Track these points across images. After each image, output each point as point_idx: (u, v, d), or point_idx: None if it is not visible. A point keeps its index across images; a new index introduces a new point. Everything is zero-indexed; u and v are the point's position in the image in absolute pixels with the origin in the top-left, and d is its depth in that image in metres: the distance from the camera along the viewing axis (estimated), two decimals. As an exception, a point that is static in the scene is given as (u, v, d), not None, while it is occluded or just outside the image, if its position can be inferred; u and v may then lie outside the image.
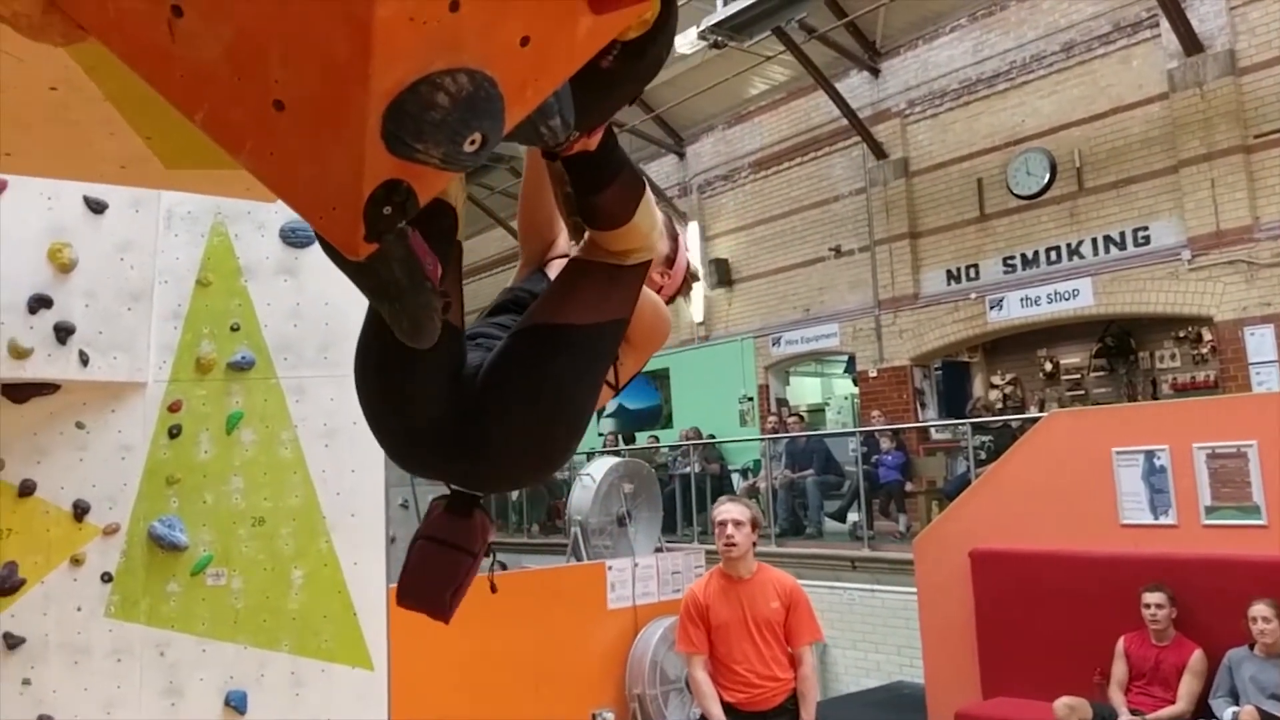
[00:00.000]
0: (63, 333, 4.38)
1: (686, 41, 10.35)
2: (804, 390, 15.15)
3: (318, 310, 4.92)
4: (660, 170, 15.10)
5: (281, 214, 4.88)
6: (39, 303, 4.31)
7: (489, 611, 4.95)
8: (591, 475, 6.08)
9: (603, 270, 1.49)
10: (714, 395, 14.01)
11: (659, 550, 5.83)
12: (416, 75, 0.74)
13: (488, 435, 1.43)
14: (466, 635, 4.78)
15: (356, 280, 1.15)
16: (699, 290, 14.38)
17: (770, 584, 3.94)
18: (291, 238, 4.89)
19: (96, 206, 4.47)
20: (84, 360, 4.44)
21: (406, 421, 1.48)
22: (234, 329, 4.79)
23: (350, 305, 5.00)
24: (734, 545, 3.87)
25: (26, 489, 4.46)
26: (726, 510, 3.95)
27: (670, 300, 1.92)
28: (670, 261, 1.90)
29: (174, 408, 4.74)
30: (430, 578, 1.59)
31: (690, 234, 14.49)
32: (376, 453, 5.12)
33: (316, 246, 5.25)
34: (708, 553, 6.36)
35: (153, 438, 4.69)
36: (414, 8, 0.71)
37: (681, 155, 14.87)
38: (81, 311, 4.43)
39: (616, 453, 12.72)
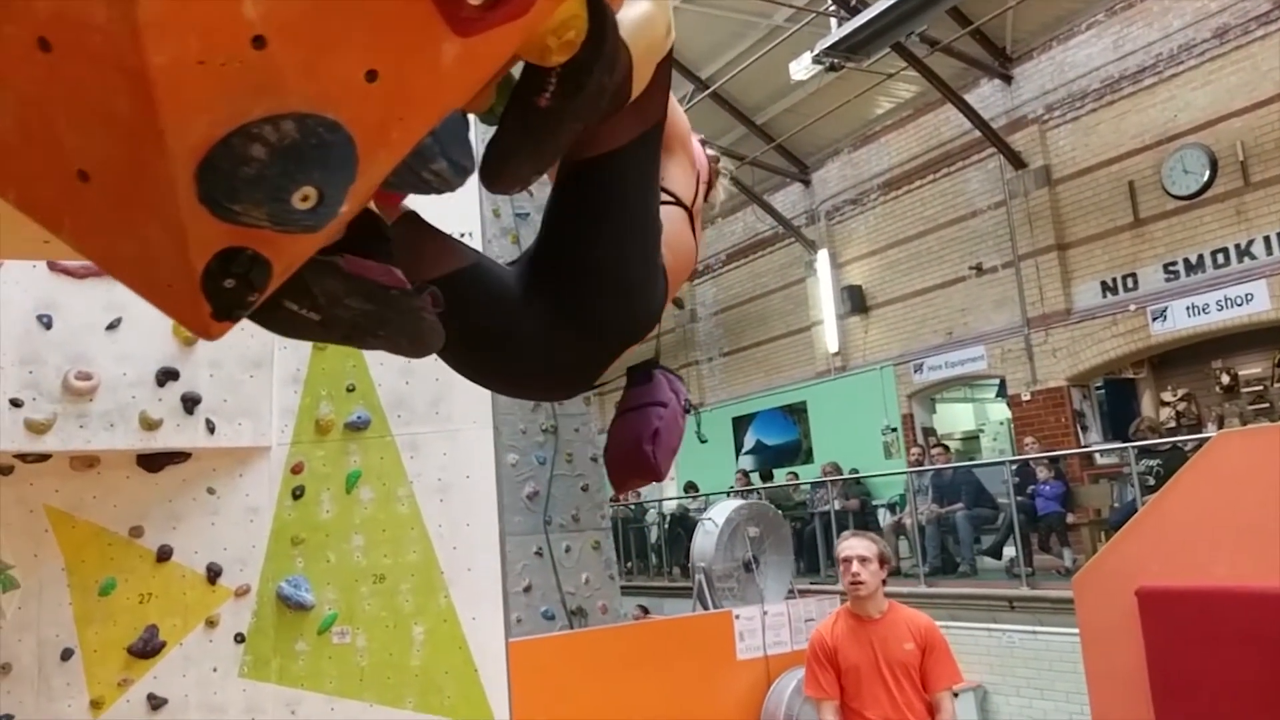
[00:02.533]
0: (190, 403, 4.57)
1: (802, 67, 10.14)
2: (954, 418, 14.41)
3: (427, 367, 4.97)
4: (786, 199, 14.83)
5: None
6: (166, 375, 4.52)
7: (613, 663, 4.82)
8: (713, 520, 5.87)
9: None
10: (854, 427, 13.50)
11: (791, 596, 5.55)
12: (230, 127, 0.63)
13: (572, 303, 1.38)
14: (588, 688, 4.66)
15: (326, 337, 1.05)
16: (831, 318, 13.97)
17: (903, 624, 3.63)
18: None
19: (216, 280, 4.66)
20: (211, 428, 4.62)
21: (526, 360, 1.42)
22: (350, 390, 4.90)
23: (458, 360, 5.05)
24: (861, 583, 3.59)
25: (164, 554, 4.66)
26: (850, 546, 3.68)
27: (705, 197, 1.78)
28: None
29: (296, 469, 4.87)
30: (625, 441, 1.56)
31: (820, 262, 14.13)
32: (490, 506, 5.10)
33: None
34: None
35: (278, 499, 4.83)
36: (201, 50, 0.59)
37: (807, 183, 14.56)
38: (207, 381, 4.63)
39: (746, 493, 12.39)
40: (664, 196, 1.58)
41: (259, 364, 4.77)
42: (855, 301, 13.72)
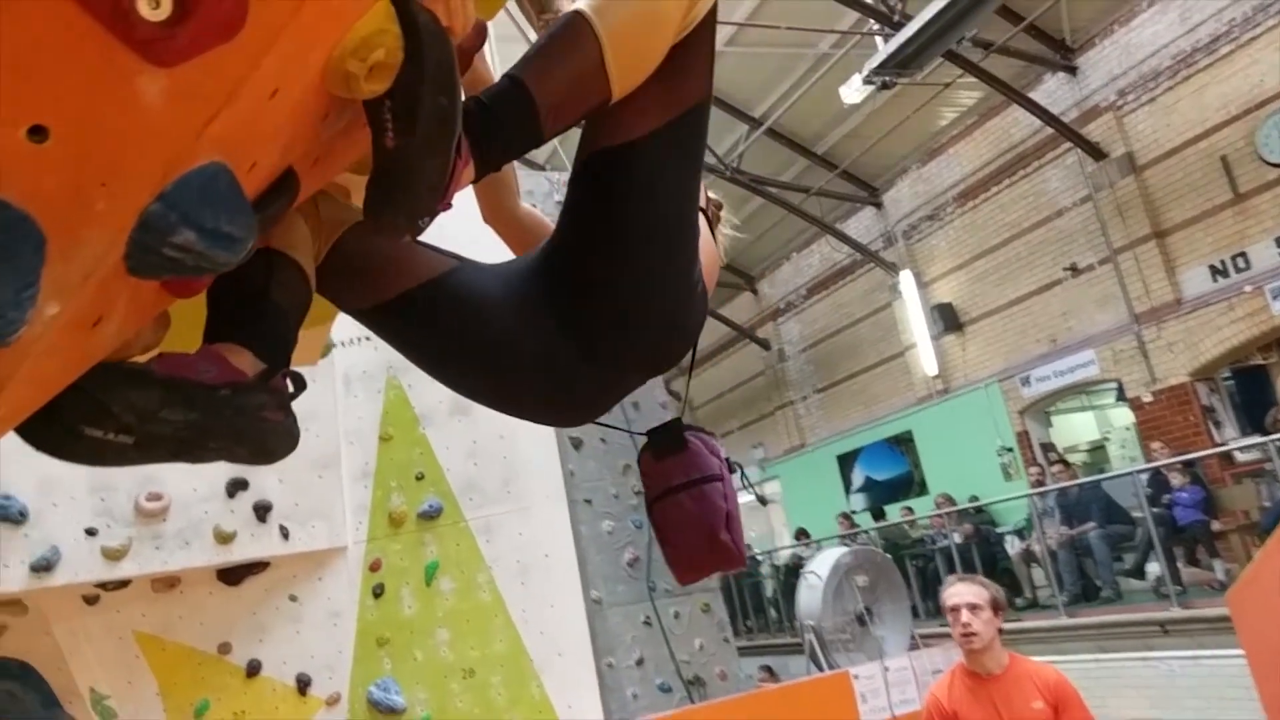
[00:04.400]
0: (262, 510, 4.51)
1: (853, 90, 9.87)
2: (1074, 429, 13.54)
3: (494, 445, 4.83)
4: (860, 225, 14.44)
5: (445, 356, 4.88)
6: (236, 486, 4.48)
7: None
8: (816, 573, 5.48)
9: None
10: (966, 452, 12.82)
11: (913, 647, 5.10)
12: None
13: (604, 312, 1.22)
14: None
15: (147, 458, 0.86)
16: (924, 340, 13.42)
17: (1028, 679, 3.20)
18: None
19: (275, 384, 4.62)
20: (285, 534, 4.54)
21: (553, 377, 1.26)
22: (419, 478, 4.78)
23: (525, 437, 4.88)
24: (974, 634, 3.19)
25: (253, 669, 4.56)
26: (957, 593, 3.28)
27: None
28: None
29: (374, 566, 4.75)
30: (693, 529, 1.40)
31: (905, 284, 13.63)
32: (573, 584, 4.87)
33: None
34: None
35: (359, 600, 4.71)
36: None
37: (879, 205, 14.15)
38: (276, 487, 4.56)
39: (851, 537, 11.81)
40: None
41: (327, 463, 4.70)
42: (948, 320, 13.15)
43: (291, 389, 1.03)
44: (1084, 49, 11.00)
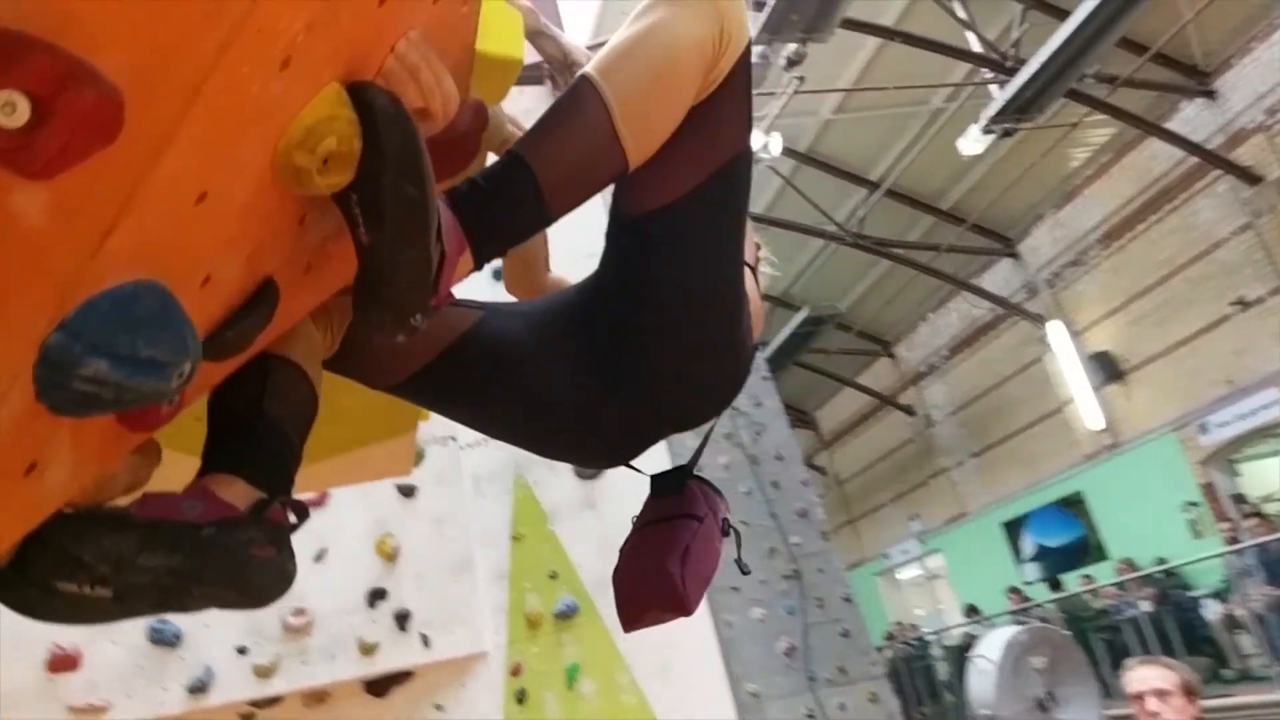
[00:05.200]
0: (402, 619, 4.53)
1: (971, 141, 9.55)
2: (1266, 476, 12.25)
3: (623, 534, 4.71)
4: (997, 278, 13.83)
5: (570, 451, 4.85)
6: (376, 596, 4.52)
7: None
8: (987, 657, 5.03)
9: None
10: (1146, 510, 11.78)
11: (1105, 731, 4.58)
12: None
13: (639, 366, 1.18)
14: None
15: (130, 612, 0.79)
16: (1084, 392, 12.56)
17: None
18: (583, 472, 4.81)
19: (407, 491, 4.70)
20: (426, 642, 4.54)
21: (556, 422, 1.25)
22: (552, 576, 4.72)
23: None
24: (1164, 728, 2.80)
25: (403, 783, 4.52)
26: (1141, 678, 2.88)
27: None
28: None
29: (515, 671, 4.68)
30: (643, 560, 1.31)
31: (1055, 335, 12.88)
32: (718, 678, 4.63)
33: (609, 476, 5.11)
34: None
35: (503, 706, 4.63)
36: None
37: (1015, 256, 13.54)
38: (415, 594, 4.58)
39: (1024, 611, 10.92)
40: None
41: (462, 567, 4.69)
42: (1107, 369, 12.30)
43: (293, 519, 0.95)
44: (1220, 71, 10.34)
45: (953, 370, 15.29)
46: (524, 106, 5.01)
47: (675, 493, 1.37)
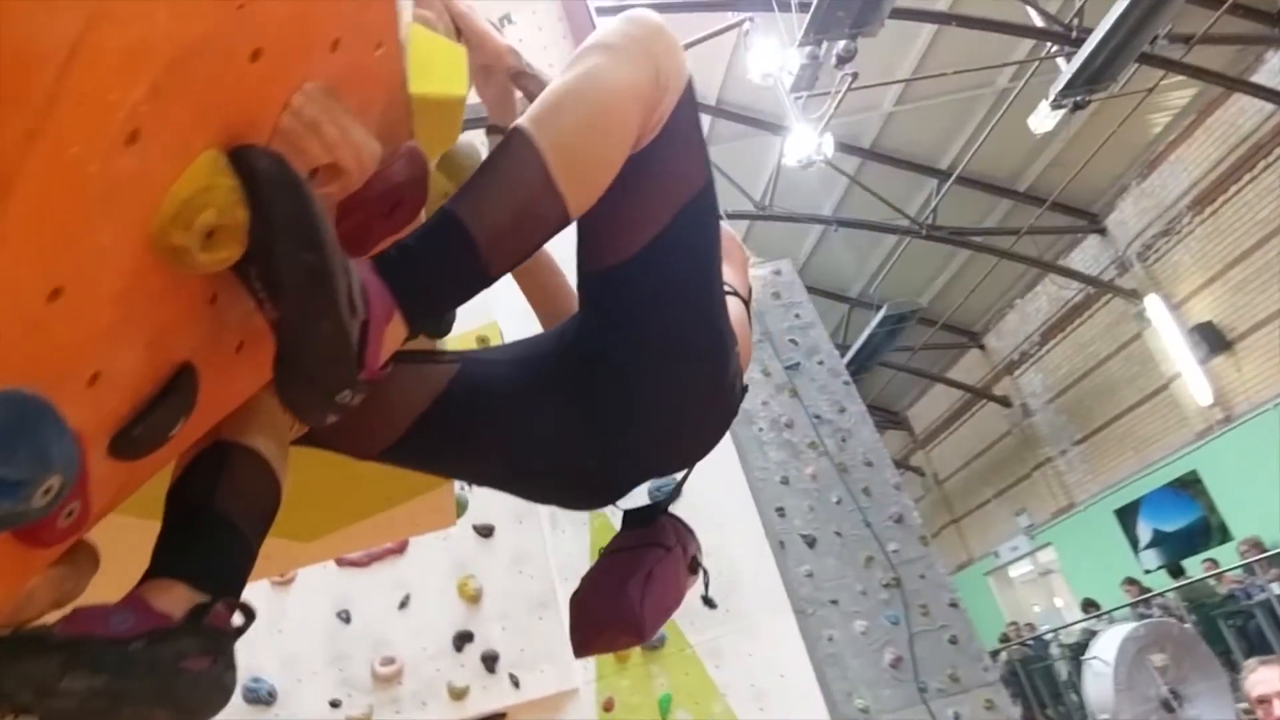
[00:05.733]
0: (490, 661, 4.50)
1: (1042, 118, 9.19)
2: (1400, 434, 11.42)
3: (704, 562, 4.60)
4: (1085, 256, 13.26)
5: (643, 477, 4.77)
6: (462, 639, 4.51)
7: None
8: (1101, 658, 4.73)
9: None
10: (1269, 485, 11.06)
11: (1242, 728, 4.24)
12: None
13: (621, 413, 1.16)
14: None
15: None
16: (1190, 366, 11.91)
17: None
18: (658, 495, 4.71)
19: (485, 531, 4.68)
20: (515, 683, 4.50)
21: (536, 468, 1.24)
22: (636, 607, 4.62)
23: (732, 547, 4.62)
24: (1293, 732, 2.56)
25: (503, 827, 4.47)
26: (1263, 680, 2.65)
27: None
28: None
29: (608, 706, 4.60)
30: (603, 582, 1.30)
31: (1153, 309, 12.26)
32: (815, 701, 4.46)
33: (685, 497, 4.99)
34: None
35: (599, 743, 4.55)
36: None
37: (1102, 232, 12.96)
38: (500, 635, 4.55)
39: (1144, 603, 10.32)
40: (726, 287, 1.31)
41: (545, 604, 4.64)
42: (1212, 340, 11.64)
43: (239, 621, 0.88)
44: (1307, 13, 9.73)
45: (1047, 356, 14.70)
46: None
47: (644, 524, 1.36)
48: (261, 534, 1.00)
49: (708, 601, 1.62)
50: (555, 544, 4.82)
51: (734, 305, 1.33)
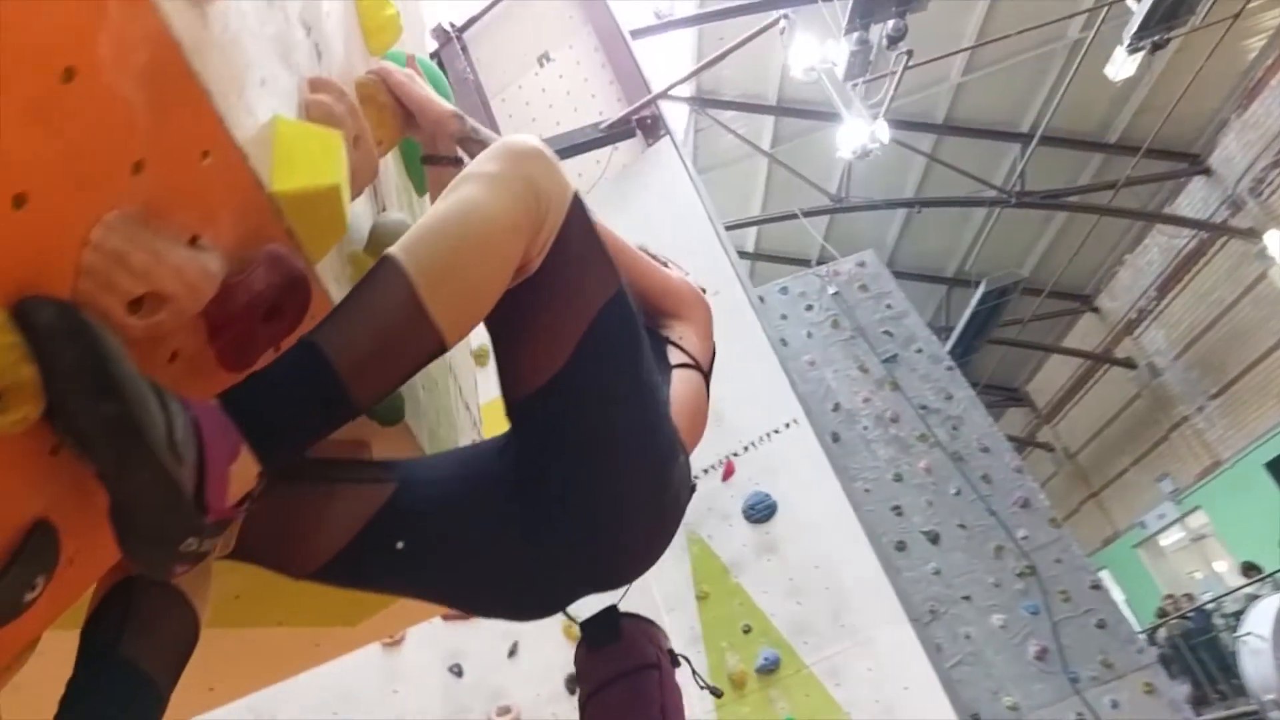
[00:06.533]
0: (605, 700, 4.45)
1: (1119, 65, 8.70)
2: None
3: (812, 578, 4.49)
4: (1192, 200, 12.48)
5: (736, 497, 4.67)
6: (574, 681, 4.47)
7: None
8: (1257, 634, 4.34)
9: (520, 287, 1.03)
10: None
11: None
12: None
13: (562, 527, 1.15)
14: None
15: None
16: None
17: None
18: (753, 514, 4.62)
19: (583, 571, 4.65)
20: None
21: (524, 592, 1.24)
22: (746, 631, 4.53)
23: (841, 560, 4.46)
24: None
25: None
26: None
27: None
28: None
29: (743, 735, 4.50)
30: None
31: (1274, 245, 11.43)
32: (942, 710, 4.25)
33: (782, 515, 4.87)
34: None
35: (726, 773, 4.44)
36: None
37: (1207, 172, 12.18)
38: (611, 673, 4.50)
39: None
40: (685, 359, 1.38)
41: (652, 637, 4.57)
42: (1353, 272, 10.79)
43: None
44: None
45: (1167, 311, 13.87)
46: (620, 162, 4.95)
47: (613, 639, 1.32)
48: (175, 670, 0.98)
49: (713, 691, 1.57)
50: (656, 574, 4.74)
51: (688, 382, 1.34)
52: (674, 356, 1.40)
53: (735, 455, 4.69)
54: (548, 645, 4.56)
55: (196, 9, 0.67)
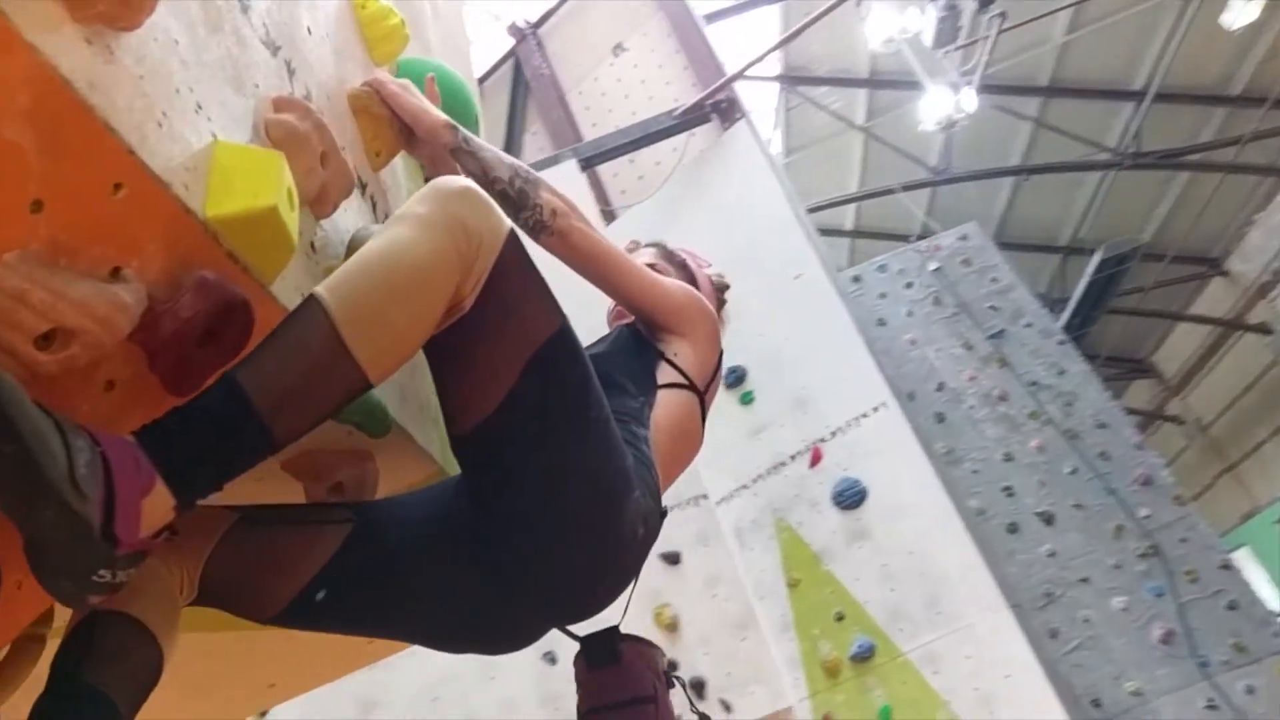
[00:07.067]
0: (698, 687, 4.48)
1: (1236, 13, 8.13)
2: None
3: (906, 564, 4.39)
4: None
5: (824, 483, 4.60)
6: (668, 667, 4.51)
7: None
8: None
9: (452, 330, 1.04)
10: None
11: None
12: None
13: (514, 565, 1.17)
14: None
15: None
16: None
17: None
18: (842, 500, 4.54)
19: (672, 558, 4.68)
20: (727, 707, 4.46)
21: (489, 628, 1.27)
22: (839, 619, 4.48)
23: (936, 545, 4.34)
24: None
25: None
26: None
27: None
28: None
29: (827, 723, 4.46)
30: None
31: None
32: (1047, 699, 4.10)
33: (873, 501, 4.79)
34: None
35: (823, 762, 4.41)
36: None
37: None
38: (704, 661, 4.53)
39: None
40: (677, 379, 1.41)
41: (744, 624, 4.58)
42: None
43: None
44: None
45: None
46: (697, 148, 4.91)
47: (612, 660, 1.32)
48: (136, 698, 1.01)
49: (702, 716, 1.56)
50: (746, 563, 4.74)
51: (676, 403, 1.36)
52: (665, 375, 1.40)
53: (822, 441, 4.61)
54: (640, 632, 4.59)
55: (97, 46, 0.69)
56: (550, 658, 4.54)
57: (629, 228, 5.27)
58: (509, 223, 1.06)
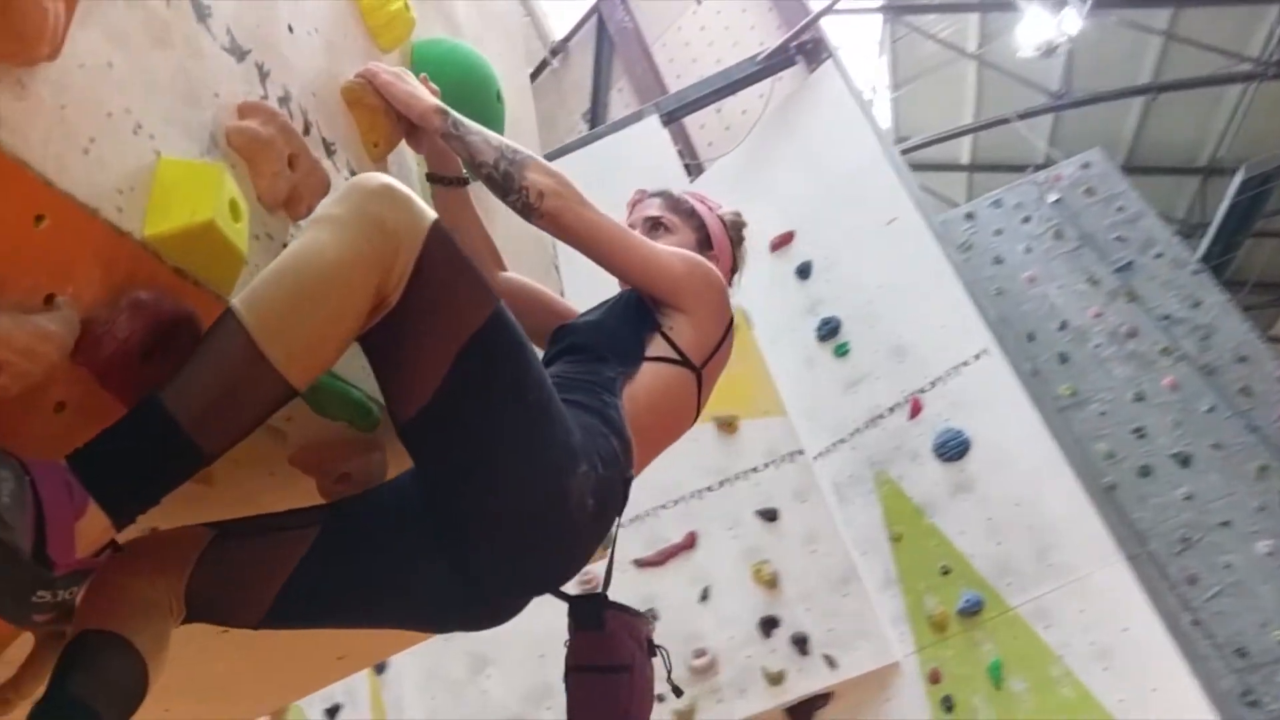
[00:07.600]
0: (800, 643, 4.46)
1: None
2: None
3: (1013, 515, 4.23)
4: None
5: (924, 435, 4.46)
6: (769, 624, 4.50)
7: None
8: None
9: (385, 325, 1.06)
10: None
11: None
12: None
13: (471, 540, 1.19)
14: None
15: None
16: None
17: None
18: (944, 452, 4.39)
19: (769, 515, 4.64)
20: (831, 663, 4.42)
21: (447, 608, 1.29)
22: (945, 573, 4.37)
23: (1047, 496, 4.15)
24: None
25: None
26: None
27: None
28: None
29: (934, 678, 4.39)
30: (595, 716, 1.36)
31: None
32: (1171, 658, 3.89)
33: (976, 452, 4.62)
34: None
35: (933, 717, 4.34)
36: None
37: None
38: (806, 616, 4.50)
39: None
40: (669, 354, 1.42)
41: (847, 579, 4.51)
42: None
43: None
44: None
45: None
46: (783, 92, 4.75)
47: (597, 626, 1.32)
48: (122, 712, 1.03)
49: (674, 688, 1.52)
50: (846, 517, 4.66)
51: (659, 377, 1.37)
52: (657, 348, 1.39)
53: (922, 391, 4.45)
54: (739, 589, 4.60)
55: (6, 83, 0.69)
56: (652, 614, 4.59)
57: (715, 181, 5.15)
58: (431, 216, 1.05)
